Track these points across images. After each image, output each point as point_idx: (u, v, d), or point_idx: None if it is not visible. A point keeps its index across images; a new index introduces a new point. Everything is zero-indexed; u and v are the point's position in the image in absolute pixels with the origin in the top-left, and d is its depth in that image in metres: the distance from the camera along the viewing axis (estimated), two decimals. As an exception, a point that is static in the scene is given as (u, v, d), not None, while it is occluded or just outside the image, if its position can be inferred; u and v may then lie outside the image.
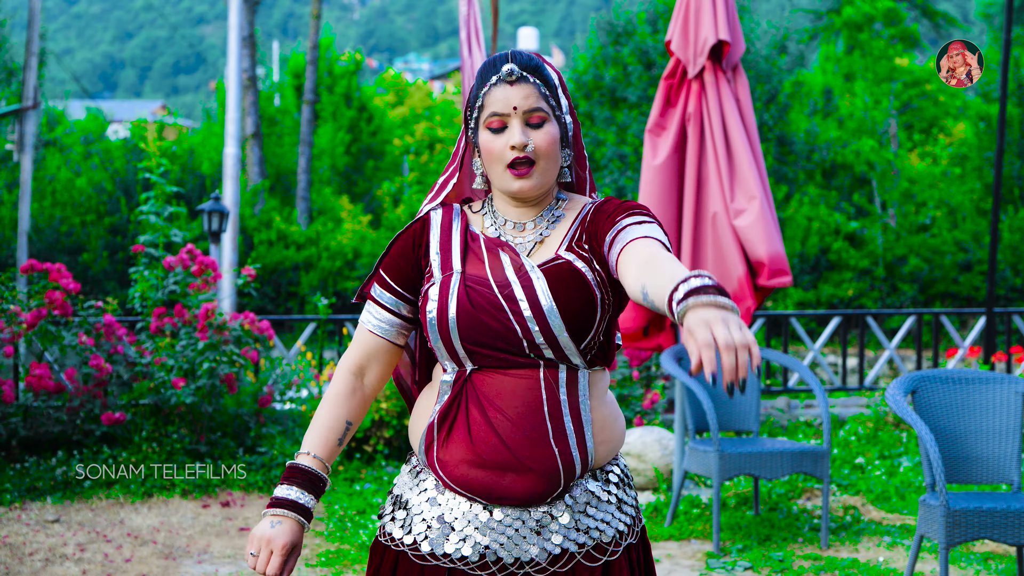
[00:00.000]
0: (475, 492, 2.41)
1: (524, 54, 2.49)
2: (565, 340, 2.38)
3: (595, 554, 2.45)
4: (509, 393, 2.40)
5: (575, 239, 2.47)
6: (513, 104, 2.43)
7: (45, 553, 6.01)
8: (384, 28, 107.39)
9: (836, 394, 11.19)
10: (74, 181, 20.63)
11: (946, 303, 20.75)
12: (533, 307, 2.37)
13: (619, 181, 20.62)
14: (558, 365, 2.41)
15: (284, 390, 8.34)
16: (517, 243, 2.50)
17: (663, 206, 7.07)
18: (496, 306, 2.39)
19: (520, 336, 2.38)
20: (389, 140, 30.44)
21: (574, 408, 2.42)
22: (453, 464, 2.42)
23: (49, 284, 7.81)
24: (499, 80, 2.44)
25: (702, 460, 6.17)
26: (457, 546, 2.42)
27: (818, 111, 24.95)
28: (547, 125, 2.45)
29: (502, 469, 2.39)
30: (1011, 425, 5.01)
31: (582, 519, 2.45)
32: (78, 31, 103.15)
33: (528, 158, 2.43)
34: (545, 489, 2.41)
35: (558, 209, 2.53)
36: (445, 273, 2.46)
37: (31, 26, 10.22)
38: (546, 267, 2.42)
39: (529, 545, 2.41)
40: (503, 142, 2.44)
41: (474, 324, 2.38)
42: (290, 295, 20.57)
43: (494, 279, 2.42)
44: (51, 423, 7.77)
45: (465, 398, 2.42)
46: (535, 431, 2.39)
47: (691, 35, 7.00)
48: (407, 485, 2.53)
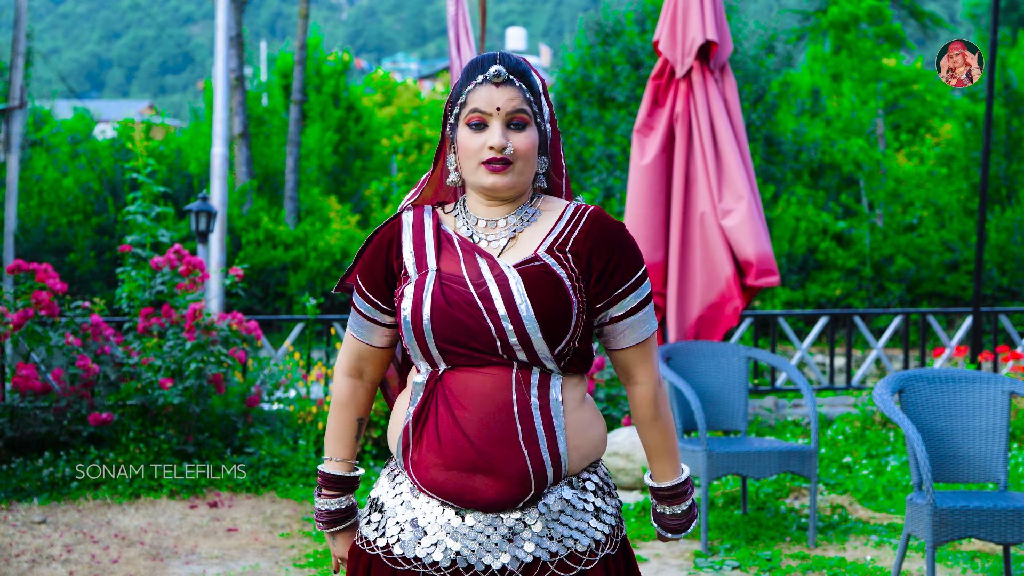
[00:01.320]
0: (447, 495, 2.40)
1: (513, 57, 2.48)
2: (539, 342, 2.37)
3: (569, 563, 2.43)
4: (478, 391, 2.39)
5: (558, 243, 2.46)
6: (497, 105, 2.43)
7: (32, 554, 5.99)
8: (372, 28, 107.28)
9: (824, 394, 11.20)
10: (61, 181, 20.58)
11: (933, 303, 20.80)
12: (508, 306, 2.37)
13: (607, 181, 20.63)
14: (531, 367, 2.40)
15: (272, 390, 8.33)
16: (489, 240, 2.49)
17: (651, 206, 7.08)
18: (471, 303, 2.38)
19: (494, 335, 2.37)
20: (377, 140, 30.40)
21: (545, 411, 2.40)
22: (424, 467, 2.42)
23: (36, 284, 7.79)
24: (485, 80, 2.44)
25: (690, 460, 6.17)
26: (428, 551, 2.41)
27: (806, 111, 24.98)
28: (528, 129, 2.45)
29: (470, 471, 2.38)
30: (997, 424, 5.02)
31: (555, 527, 2.42)
32: (65, 30, 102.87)
33: (506, 159, 2.43)
34: (516, 494, 2.39)
35: (532, 207, 2.52)
36: (421, 271, 2.46)
37: (17, 25, 10.19)
38: (522, 268, 2.41)
39: (501, 552, 2.40)
40: (481, 140, 2.44)
41: (449, 322, 2.38)
42: (278, 295, 20.53)
43: (469, 277, 2.41)
44: (38, 424, 7.75)
45: (436, 398, 2.42)
46: (503, 431, 2.38)
47: (679, 35, 7.01)
48: (384, 488, 2.53)
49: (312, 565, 5.87)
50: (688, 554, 6.08)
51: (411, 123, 33.48)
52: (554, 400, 2.42)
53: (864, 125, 24.26)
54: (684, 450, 6.24)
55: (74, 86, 76.17)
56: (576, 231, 2.47)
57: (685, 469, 2.64)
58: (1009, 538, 4.69)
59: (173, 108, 69.47)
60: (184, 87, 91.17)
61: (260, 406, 8.28)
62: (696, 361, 6.74)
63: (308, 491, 7.45)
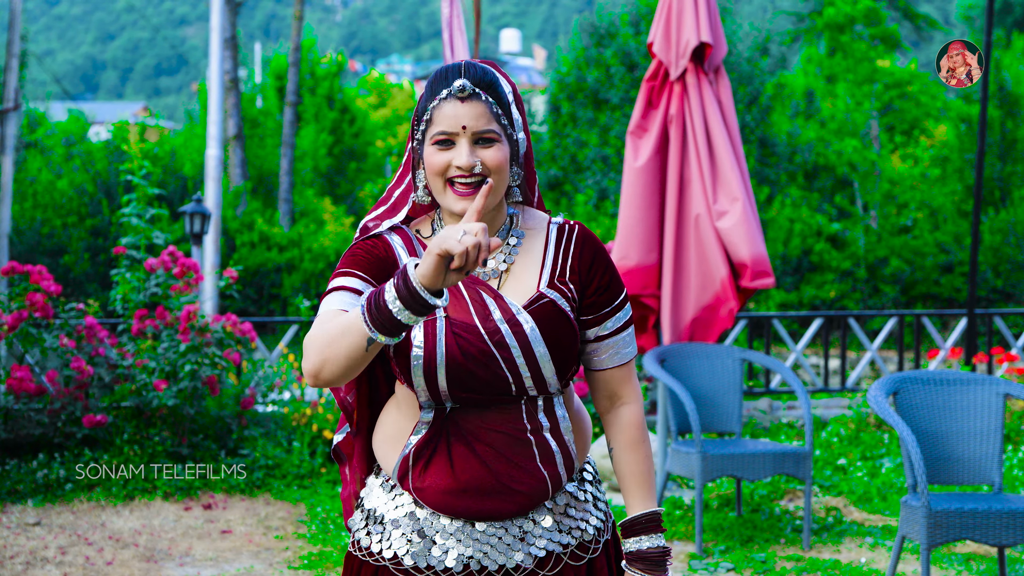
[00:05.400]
0: (459, 514, 2.38)
1: (478, 67, 2.37)
2: (551, 377, 2.36)
3: (579, 553, 2.45)
4: (492, 426, 2.36)
5: (558, 274, 2.41)
6: (463, 123, 2.31)
7: (26, 556, 5.98)
8: (366, 30, 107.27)
9: (818, 395, 11.20)
10: (55, 183, 20.56)
11: (927, 304, 20.82)
12: (526, 354, 2.32)
13: (602, 183, 20.64)
14: (538, 396, 2.39)
15: (266, 392, 8.32)
16: (481, 273, 2.39)
17: (645, 208, 7.08)
18: (487, 355, 2.31)
19: (510, 383, 2.33)
20: (371, 142, 30.41)
21: (555, 430, 2.40)
22: (432, 492, 2.38)
23: (30, 286, 7.78)
24: (449, 95, 2.32)
25: (685, 462, 6.17)
26: (440, 558, 2.39)
27: (800, 113, 25.01)
28: (496, 145, 2.34)
29: (486, 494, 2.36)
30: (992, 426, 5.03)
31: (564, 520, 2.44)
32: (59, 32, 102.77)
33: (475, 177, 2.32)
34: (531, 506, 2.40)
35: (516, 228, 2.45)
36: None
37: (12, 27, 10.18)
38: (532, 309, 2.35)
39: (514, 552, 2.40)
40: (447, 158, 2.33)
41: (464, 374, 2.31)
42: (272, 297, 20.52)
43: (482, 325, 2.33)
44: (32, 425, 7.74)
45: (447, 434, 2.37)
46: (521, 457, 2.37)
47: (673, 37, 7.01)
48: (380, 500, 2.47)
49: (306, 567, 5.86)
50: (683, 556, 6.08)
51: (405, 125, 33.49)
52: (561, 418, 2.41)
53: (858, 127, 24.28)
54: (679, 452, 6.24)
55: (69, 88, 76.07)
56: (570, 257, 2.42)
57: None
58: (1004, 540, 4.70)
59: (167, 110, 69.44)
60: (178, 89, 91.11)
61: (254, 408, 8.27)
62: (690, 363, 6.74)
63: (303, 492, 7.44)
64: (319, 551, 6.15)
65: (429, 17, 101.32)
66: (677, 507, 6.93)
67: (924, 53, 40.96)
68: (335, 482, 7.77)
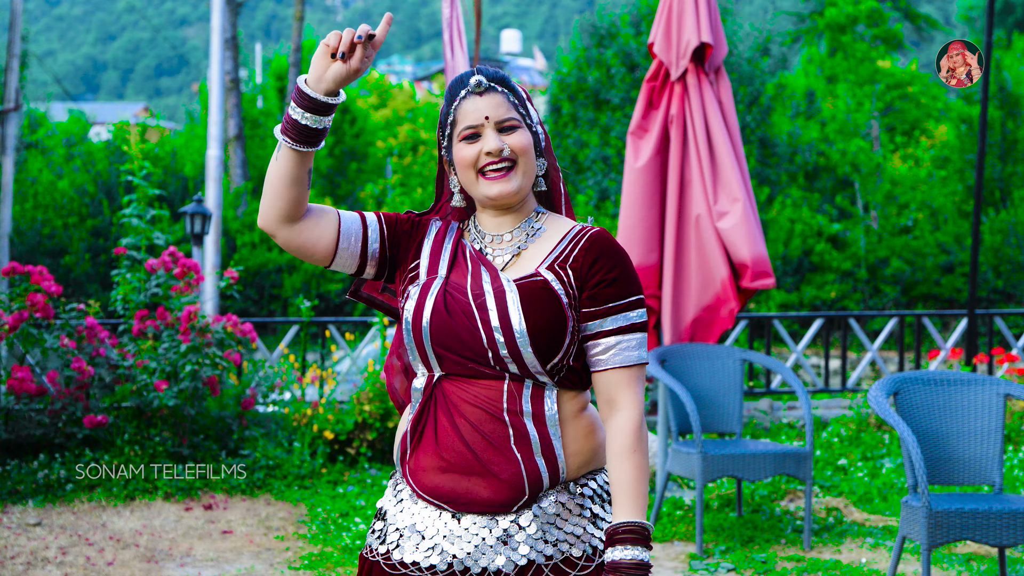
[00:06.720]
0: (443, 498, 2.43)
1: (489, 69, 2.53)
2: (529, 356, 2.39)
3: (564, 568, 2.44)
4: (472, 399, 2.41)
5: (559, 260, 2.48)
6: (485, 114, 2.46)
7: (27, 557, 5.98)
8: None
9: (819, 396, 11.20)
10: (56, 183, 20.56)
11: (928, 305, 20.81)
12: (501, 319, 2.40)
13: (602, 183, 20.63)
14: (523, 380, 2.42)
15: (267, 393, 8.32)
16: (495, 255, 2.52)
17: (646, 208, 7.08)
18: (467, 313, 2.41)
19: (485, 346, 2.40)
20: (372, 142, 30.37)
21: (539, 419, 2.42)
22: (421, 471, 2.45)
23: (31, 287, 7.78)
24: (468, 93, 2.48)
25: (685, 462, 6.17)
26: (426, 555, 2.44)
27: (801, 113, 24.99)
28: (520, 130, 2.48)
29: (466, 474, 2.41)
30: (993, 427, 5.03)
31: (550, 531, 2.43)
32: (60, 33, 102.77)
33: (505, 161, 2.46)
34: (511, 496, 2.41)
35: (538, 222, 2.55)
36: (430, 276, 2.50)
37: (12, 28, 10.18)
38: (521, 282, 2.44)
39: (495, 555, 2.41)
40: (477, 149, 2.46)
41: (445, 328, 2.41)
42: (273, 297, 20.52)
43: (471, 288, 2.45)
44: (33, 426, 7.74)
45: (434, 404, 2.45)
46: (496, 436, 2.40)
47: (674, 37, 7.01)
48: (388, 497, 2.57)
49: (307, 568, 5.86)
50: (683, 556, 6.08)
51: (406, 125, 33.46)
52: (549, 409, 2.43)
53: (859, 127, 24.28)
54: (679, 452, 6.25)
55: (69, 88, 76.10)
56: (577, 248, 2.48)
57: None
58: (1004, 540, 4.70)
59: (168, 110, 69.39)
60: (179, 89, 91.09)
61: (255, 408, 8.27)
62: (691, 363, 6.74)
63: (303, 493, 7.44)
64: (320, 551, 6.16)
65: (430, 18, 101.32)
66: (678, 507, 6.93)
67: (925, 53, 40.94)
68: (335, 482, 7.77)
